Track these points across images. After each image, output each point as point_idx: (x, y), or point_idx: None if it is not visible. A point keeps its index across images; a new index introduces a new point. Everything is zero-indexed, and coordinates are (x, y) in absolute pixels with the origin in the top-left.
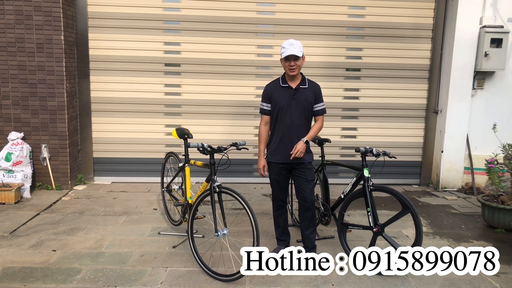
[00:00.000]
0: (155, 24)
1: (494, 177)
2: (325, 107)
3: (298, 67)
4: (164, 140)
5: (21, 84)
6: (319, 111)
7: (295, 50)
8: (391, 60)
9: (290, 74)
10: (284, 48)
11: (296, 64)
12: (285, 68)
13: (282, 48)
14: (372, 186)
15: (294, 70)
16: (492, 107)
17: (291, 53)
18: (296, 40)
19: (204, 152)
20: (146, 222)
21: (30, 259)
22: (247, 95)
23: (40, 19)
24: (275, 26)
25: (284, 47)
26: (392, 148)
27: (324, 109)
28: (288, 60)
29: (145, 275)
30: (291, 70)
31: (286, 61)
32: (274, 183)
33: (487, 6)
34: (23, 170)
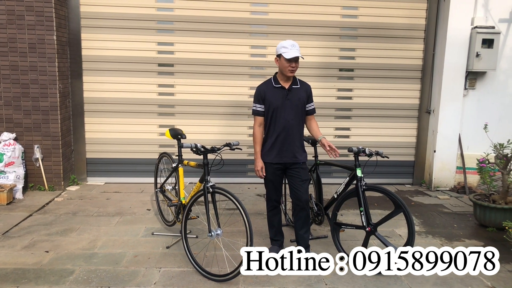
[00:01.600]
0: (148, 24)
1: (486, 176)
2: (315, 107)
3: (297, 68)
4: (157, 140)
5: (13, 84)
6: (312, 110)
7: (298, 52)
8: (384, 61)
9: (289, 75)
10: (286, 48)
11: (296, 66)
12: (284, 69)
13: (282, 48)
14: (364, 186)
15: (294, 71)
16: (484, 107)
17: (296, 55)
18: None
19: (197, 153)
20: (140, 222)
21: (23, 260)
22: (240, 95)
23: (32, 19)
24: (268, 26)
25: (285, 46)
26: (385, 148)
27: (315, 109)
28: (291, 62)
29: (138, 275)
30: (291, 71)
31: (288, 62)
32: (268, 183)
33: (479, 6)
34: (16, 171)
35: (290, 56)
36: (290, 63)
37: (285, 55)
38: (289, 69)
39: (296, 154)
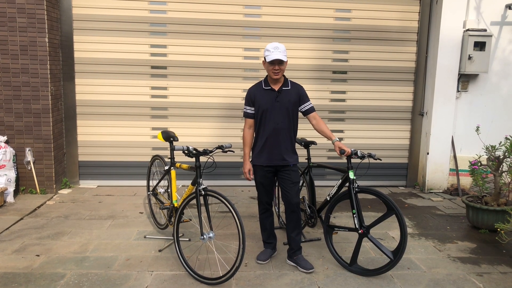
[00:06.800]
0: (141, 26)
1: (478, 178)
2: (313, 105)
3: (282, 71)
4: (150, 143)
5: (4, 86)
6: (309, 109)
7: (280, 54)
8: (377, 63)
9: (274, 77)
10: (268, 51)
11: (280, 68)
12: (268, 72)
13: (266, 51)
14: (357, 188)
15: (277, 74)
16: (476, 109)
17: (276, 58)
18: (281, 43)
19: (189, 155)
20: (132, 225)
21: (13, 265)
22: (234, 97)
23: (24, 21)
24: (261, 29)
25: (268, 49)
26: (379, 150)
27: (313, 107)
28: (273, 64)
29: (130, 279)
30: (275, 74)
31: (270, 65)
32: (259, 186)
33: (471, 9)
34: (7, 174)
35: (270, 59)
36: (273, 66)
37: (267, 58)
38: (272, 72)
39: (285, 157)
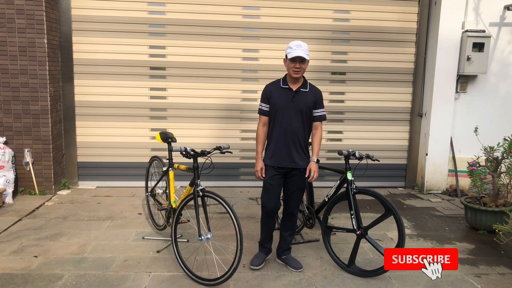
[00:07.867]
0: (140, 27)
1: (476, 179)
2: (325, 114)
3: (302, 70)
4: (149, 144)
5: (3, 87)
6: (319, 117)
7: (302, 52)
8: (376, 64)
9: (294, 76)
10: (291, 49)
11: (301, 67)
12: (288, 69)
13: (288, 48)
14: (355, 189)
15: (298, 72)
16: (475, 110)
17: (298, 55)
18: (303, 42)
19: (187, 156)
20: (131, 226)
21: (11, 266)
22: (233, 98)
23: (22, 22)
24: (260, 30)
25: (291, 47)
26: (378, 151)
27: (324, 116)
28: (294, 62)
29: (128, 280)
30: (295, 72)
31: (291, 62)
32: (266, 186)
33: (469, 10)
34: (5, 175)
35: (292, 56)
36: (294, 64)
37: (289, 55)
38: (293, 69)
39: (295, 159)
